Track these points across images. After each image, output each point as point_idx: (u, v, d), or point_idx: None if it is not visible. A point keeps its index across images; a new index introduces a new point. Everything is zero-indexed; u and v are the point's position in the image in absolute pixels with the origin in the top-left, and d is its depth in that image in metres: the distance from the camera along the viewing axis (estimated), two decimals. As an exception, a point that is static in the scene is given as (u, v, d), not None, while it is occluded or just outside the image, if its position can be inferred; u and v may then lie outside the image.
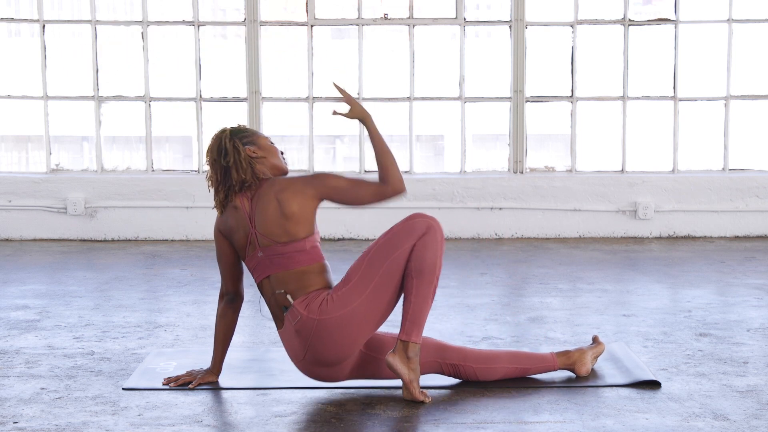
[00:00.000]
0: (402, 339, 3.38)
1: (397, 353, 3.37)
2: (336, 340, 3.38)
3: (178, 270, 6.18)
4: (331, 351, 3.40)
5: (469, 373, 3.58)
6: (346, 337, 3.39)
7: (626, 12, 7.54)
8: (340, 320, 3.37)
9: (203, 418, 3.25)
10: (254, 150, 3.52)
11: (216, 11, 14.19)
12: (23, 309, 4.96)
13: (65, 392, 3.53)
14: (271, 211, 3.44)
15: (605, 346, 3.87)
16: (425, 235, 3.40)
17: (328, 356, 3.41)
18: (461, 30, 7.59)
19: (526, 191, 7.53)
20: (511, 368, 3.61)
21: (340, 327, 3.38)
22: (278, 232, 3.43)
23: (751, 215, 7.54)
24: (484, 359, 3.59)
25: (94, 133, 7.71)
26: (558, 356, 3.67)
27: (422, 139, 15.16)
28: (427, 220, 3.42)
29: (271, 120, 8.02)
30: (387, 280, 3.40)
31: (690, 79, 7.87)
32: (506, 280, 5.80)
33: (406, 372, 3.37)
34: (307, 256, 3.45)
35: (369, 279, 3.39)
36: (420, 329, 3.39)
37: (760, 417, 3.22)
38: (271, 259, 3.44)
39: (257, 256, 3.46)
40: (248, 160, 3.49)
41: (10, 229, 7.51)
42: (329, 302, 3.39)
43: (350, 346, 3.41)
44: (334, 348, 3.39)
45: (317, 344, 3.39)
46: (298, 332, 3.40)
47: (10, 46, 14.13)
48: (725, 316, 4.74)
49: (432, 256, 3.39)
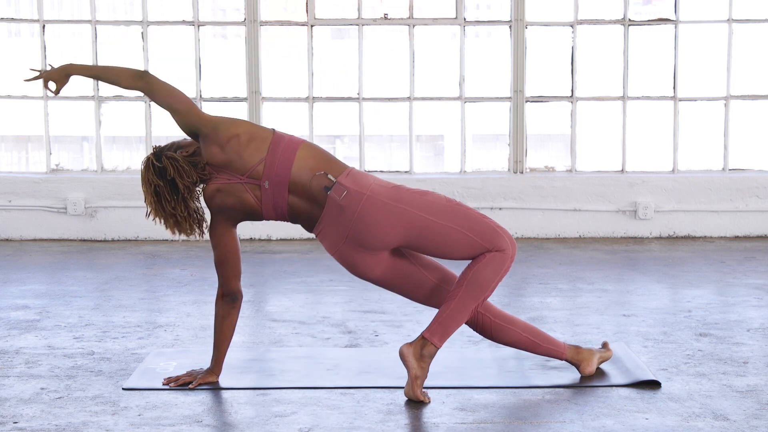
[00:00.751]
0: (425, 336, 3.39)
1: (413, 346, 3.39)
2: (379, 222, 3.38)
3: (178, 270, 6.18)
4: (371, 230, 3.39)
5: (485, 324, 3.58)
6: (389, 224, 3.39)
7: (626, 12, 7.54)
8: (390, 207, 3.39)
9: (203, 418, 3.25)
10: (185, 150, 3.56)
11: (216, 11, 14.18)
12: (23, 309, 4.96)
13: (65, 392, 3.53)
14: (232, 152, 3.47)
15: (612, 354, 3.87)
16: (499, 254, 3.42)
17: (366, 236, 3.40)
18: (461, 30, 7.59)
19: (526, 191, 7.53)
20: (524, 337, 3.62)
21: (386, 213, 3.38)
22: (253, 150, 3.47)
23: (751, 215, 7.54)
24: (503, 317, 3.61)
25: (94, 133, 7.71)
26: (569, 348, 3.69)
27: (422, 139, 15.15)
28: (511, 245, 3.45)
29: (271, 120, 8.01)
30: (445, 234, 3.40)
31: (690, 79, 7.87)
32: (506, 280, 5.80)
33: (415, 367, 3.38)
34: (291, 141, 3.50)
35: (437, 214, 3.41)
36: (445, 336, 3.40)
37: (760, 417, 3.22)
38: (276, 174, 3.45)
39: (267, 190, 3.46)
40: (187, 161, 3.52)
41: (10, 229, 7.51)
42: (386, 187, 3.43)
43: (389, 234, 3.40)
44: (374, 228, 3.39)
45: (360, 220, 3.38)
46: (343, 208, 3.40)
47: (10, 46, 14.13)
48: (725, 316, 4.74)
49: (491, 275, 3.42)
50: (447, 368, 3.77)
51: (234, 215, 3.53)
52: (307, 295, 5.33)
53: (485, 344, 4.21)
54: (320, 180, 3.45)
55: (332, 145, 14.82)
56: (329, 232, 3.45)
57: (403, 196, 3.43)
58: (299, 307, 5.02)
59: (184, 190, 3.51)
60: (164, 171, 3.52)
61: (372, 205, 3.39)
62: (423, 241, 3.43)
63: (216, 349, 3.63)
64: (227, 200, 3.51)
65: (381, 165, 12.62)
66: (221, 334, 3.62)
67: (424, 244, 3.43)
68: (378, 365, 3.84)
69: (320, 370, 3.79)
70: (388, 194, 3.42)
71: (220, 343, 3.62)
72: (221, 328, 3.61)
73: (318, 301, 5.17)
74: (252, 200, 3.49)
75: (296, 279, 5.81)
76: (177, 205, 3.53)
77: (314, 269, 6.14)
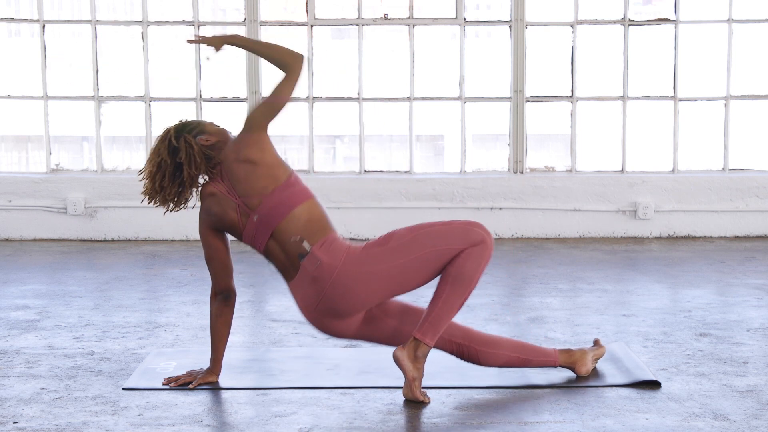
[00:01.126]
0: (416, 337, 3.38)
1: (406, 349, 3.38)
2: (353, 292, 3.38)
3: (178, 270, 6.18)
4: (345, 302, 3.39)
5: (472, 355, 3.58)
6: (364, 292, 3.39)
7: (626, 12, 7.54)
8: (362, 276, 3.37)
9: (203, 418, 3.25)
10: (206, 138, 3.54)
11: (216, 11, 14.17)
12: (23, 309, 4.96)
13: (65, 392, 3.53)
14: (241, 173, 3.45)
15: (606, 349, 3.87)
16: (476, 247, 3.41)
17: (342, 306, 3.40)
18: (461, 30, 7.59)
19: (526, 191, 7.52)
20: (514, 357, 3.61)
21: (360, 282, 3.37)
22: (260, 186, 3.44)
23: (751, 215, 7.54)
24: (488, 343, 3.60)
25: (94, 133, 7.71)
26: (560, 353, 3.67)
27: (422, 139, 15.15)
28: (486, 236, 3.43)
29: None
30: (422, 264, 3.39)
31: (690, 79, 7.86)
32: (506, 280, 5.80)
33: (411, 369, 3.37)
34: (297, 193, 3.46)
35: (406, 253, 3.39)
36: (436, 334, 3.39)
37: (760, 417, 3.22)
38: (267, 215, 3.43)
39: (254, 222, 3.45)
40: (202, 152, 3.50)
41: (10, 229, 7.51)
42: (356, 254, 3.39)
43: (366, 301, 3.41)
44: (349, 299, 3.39)
45: (333, 292, 3.38)
46: (316, 279, 3.39)
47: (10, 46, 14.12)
48: (725, 316, 4.74)
49: (473, 269, 3.40)
50: (447, 368, 3.77)
51: (216, 223, 3.53)
52: (307, 295, 5.33)
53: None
54: (296, 246, 3.43)
55: (332, 145, 14.82)
56: (301, 296, 3.45)
57: (372, 255, 3.40)
58: (299, 307, 5.02)
59: (187, 178, 3.51)
60: (176, 152, 3.51)
61: (345, 278, 3.37)
62: (404, 283, 3.43)
63: (213, 349, 3.63)
64: (215, 208, 3.50)
65: (381, 165, 12.61)
66: (217, 333, 3.61)
67: (406, 285, 3.43)
68: (378, 365, 3.84)
69: (320, 370, 3.79)
70: (359, 260, 3.39)
71: (217, 342, 3.62)
72: (216, 327, 3.61)
73: (318, 301, 5.16)
74: (237, 221, 3.48)
75: (296, 279, 5.81)
76: (171, 187, 3.53)
77: (314, 269, 6.14)
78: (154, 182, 3.54)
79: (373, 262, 3.39)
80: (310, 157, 7.73)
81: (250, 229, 3.46)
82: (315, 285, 3.40)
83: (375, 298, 3.43)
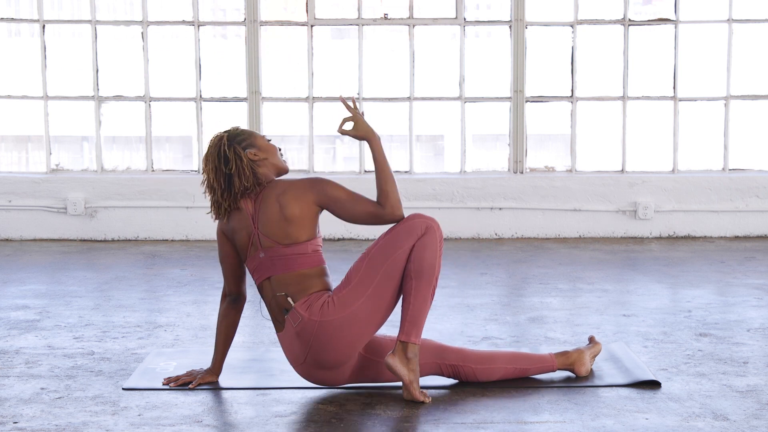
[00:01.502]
0: (401, 340, 3.37)
1: (396, 354, 3.37)
2: (337, 342, 3.38)
3: (178, 270, 6.18)
4: (331, 353, 3.40)
5: (468, 374, 3.58)
6: (347, 339, 3.39)
7: (626, 12, 7.54)
8: (341, 322, 3.37)
9: (203, 418, 3.25)
10: (255, 152, 3.51)
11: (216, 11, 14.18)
12: (23, 309, 4.96)
13: (65, 392, 3.53)
14: (273, 213, 3.44)
15: (602, 346, 3.87)
16: (424, 236, 3.40)
17: (328, 359, 3.40)
18: (461, 30, 7.59)
19: (526, 191, 7.52)
20: (510, 369, 3.62)
21: (341, 329, 3.37)
22: (280, 234, 3.43)
23: (751, 215, 7.54)
24: (483, 360, 3.60)
25: (94, 133, 7.71)
26: (557, 357, 3.67)
27: (422, 139, 15.15)
28: (426, 221, 3.41)
29: (271, 120, 8.02)
30: (387, 281, 3.39)
31: (690, 79, 7.87)
32: (506, 280, 5.80)
33: (405, 373, 3.37)
34: (308, 259, 3.44)
35: (369, 280, 3.39)
36: (419, 330, 3.39)
37: (760, 417, 3.22)
38: (273, 260, 3.44)
39: (259, 257, 3.45)
40: (250, 165, 3.49)
41: (10, 229, 7.51)
42: (330, 304, 3.39)
43: (351, 348, 3.41)
44: (334, 350, 3.39)
45: (318, 347, 3.38)
46: (299, 335, 3.40)
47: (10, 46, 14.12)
48: (725, 316, 4.74)
49: (431, 256, 3.39)
50: (447, 368, 3.77)
51: (228, 232, 3.52)
52: (307, 295, 5.32)
53: (485, 344, 4.22)
54: (282, 300, 3.44)
55: (332, 145, 14.82)
56: (289, 348, 3.45)
57: (343, 298, 3.38)
58: (299, 307, 5.02)
59: (238, 188, 3.49)
60: (227, 162, 3.49)
61: (327, 329, 3.36)
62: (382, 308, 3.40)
63: (216, 349, 3.63)
64: (234, 222, 3.49)
65: (381, 165, 12.58)
66: (221, 334, 3.62)
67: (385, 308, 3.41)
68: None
69: (320, 370, 3.79)
70: (333, 310, 3.37)
71: (221, 343, 3.62)
72: (221, 328, 3.62)
73: (318, 301, 5.16)
74: (246, 245, 3.48)
75: (296, 279, 5.81)
76: (226, 195, 3.50)
77: (314, 269, 6.14)
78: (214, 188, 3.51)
79: (346, 305, 3.38)
80: (310, 157, 7.73)
81: (253, 260, 3.47)
82: (299, 340, 3.40)
83: (361, 340, 3.42)
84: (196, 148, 7.87)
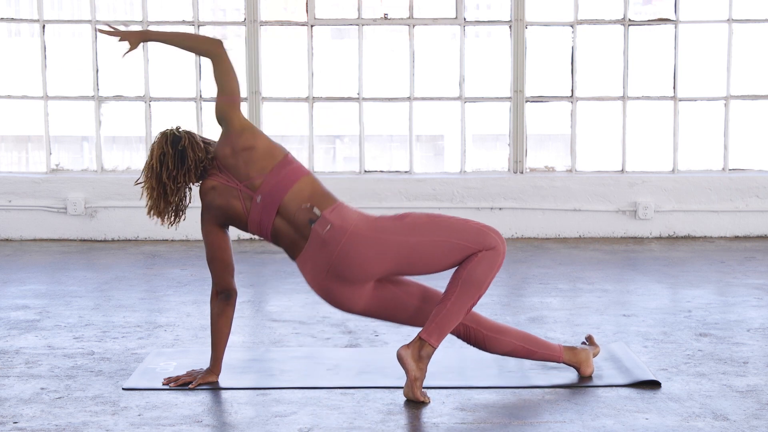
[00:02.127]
0: (421, 337, 3.39)
1: (410, 348, 3.38)
2: (363, 256, 3.40)
3: (178, 270, 6.18)
4: (355, 266, 3.41)
5: (478, 339, 3.59)
6: (374, 259, 3.40)
7: (626, 12, 7.54)
8: (370, 240, 3.40)
9: (203, 418, 3.25)
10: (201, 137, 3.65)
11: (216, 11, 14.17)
12: (23, 309, 4.96)
13: (65, 392, 3.53)
14: (240, 162, 3.51)
15: (603, 346, 3.87)
16: (490, 251, 3.43)
17: (351, 271, 3.42)
18: (461, 30, 7.59)
19: (526, 191, 7.52)
20: (519, 346, 3.63)
21: (371, 247, 3.40)
22: (259, 167, 3.50)
23: (751, 215, 7.54)
24: (495, 329, 3.62)
25: (94, 133, 7.71)
26: (565, 350, 3.68)
27: (422, 139, 15.14)
28: (500, 241, 3.45)
29: (271, 120, 8.02)
30: (433, 250, 3.42)
31: (690, 79, 7.87)
32: (506, 280, 5.80)
33: (413, 369, 3.38)
34: (296, 169, 3.52)
35: (420, 234, 3.42)
36: (441, 336, 3.40)
37: (760, 417, 3.22)
38: (271, 193, 3.47)
39: (257, 204, 3.48)
40: (201, 139, 3.60)
41: (10, 229, 7.51)
42: (369, 220, 3.44)
43: (374, 268, 3.42)
44: (359, 263, 3.41)
45: (343, 255, 3.40)
46: (326, 242, 3.41)
47: (10, 46, 14.12)
48: (725, 316, 4.74)
49: (484, 273, 3.42)
50: (447, 368, 3.77)
51: (220, 216, 3.54)
52: (307, 295, 5.33)
53: (485, 344, 4.22)
54: (306, 213, 3.47)
55: (332, 145, 14.82)
56: (311, 265, 3.47)
57: (386, 225, 3.44)
58: (299, 307, 5.02)
59: (191, 163, 3.53)
60: (178, 140, 3.56)
61: (355, 240, 3.40)
62: (412, 263, 3.44)
63: (214, 348, 3.63)
64: (217, 200, 3.52)
65: (381, 165, 12.61)
66: (218, 333, 3.62)
67: (414, 266, 3.45)
68: (378, 365, 3.84)
69: (320, 370, 3.79)
70: (370, 227, 3.43)
71: (218, 342, 3.62)
72: (217, 326, 3.61)
73: (318, 301, 5.16)
74: (240, 208, 3.51)
75: (296, 279, 5.81)
76: (177, 174, 3.54)
77: (314, 269, 6.14)
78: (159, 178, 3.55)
79: (386, 232, 3.42)
80: (310, 157, 7.73)
81: (255, 212, 3.49)
82: (325, 249, 3.42)
83: (383, 268, 3.43)
84: (196, 148, 7.85)
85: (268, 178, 3.49)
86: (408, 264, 3.44)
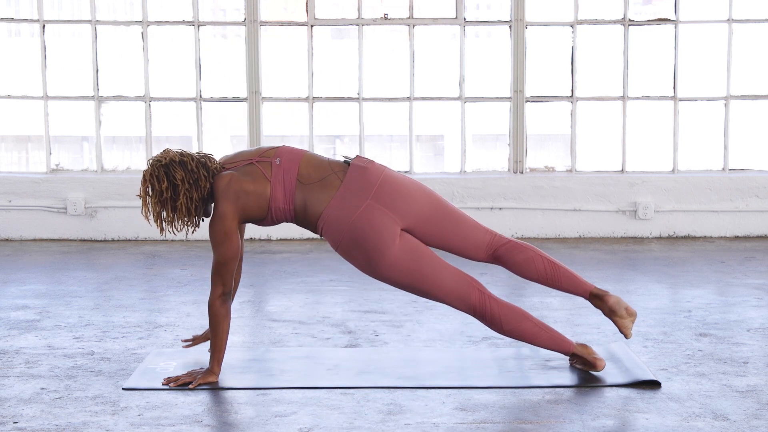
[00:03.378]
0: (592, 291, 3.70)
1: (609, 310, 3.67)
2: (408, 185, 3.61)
3: (178, 270, 6.18)
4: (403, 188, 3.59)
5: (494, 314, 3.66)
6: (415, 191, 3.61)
7: (626, 12, 7.54)
8: (411, 181, 3.65)
9: (203, 418, 3.25)
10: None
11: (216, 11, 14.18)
12: (23, 309, 4.96)
13: (65, 392, 3.53)
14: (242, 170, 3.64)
15: (602, 347, 3.87)
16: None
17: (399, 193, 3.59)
18: (461, 30, 7.59)
19: (526, 191, 7.53)
20: (535, 329, 3.67)
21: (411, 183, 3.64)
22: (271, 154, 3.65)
23: (751, 215, 7.54)
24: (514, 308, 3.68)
25: (94, 133, 7.71)
26: (577, 344, 3.70)
27: (422, 139, 15.15)
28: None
29: (271, 120, 8.02)
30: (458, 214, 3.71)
31: (690, 79, 7.87)
32: (506, 280, 5.80)
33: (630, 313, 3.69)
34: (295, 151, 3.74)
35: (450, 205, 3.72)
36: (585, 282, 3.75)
37: (760, 417, 3.23)
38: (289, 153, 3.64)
39: (278, 166, 3.61)
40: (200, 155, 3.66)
41: (10, 229, 7.51)
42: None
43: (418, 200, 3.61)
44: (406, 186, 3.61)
45: (390, 179, 3.59)
46: (367, 169, 3.59)
47: (10, 46, 14.12)
48: (725, 316, 4.74)
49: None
50: (447, 368, 3.78)
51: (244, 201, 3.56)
52: (307, 295, 5.33)
53: (485, 344, 4.22)
54: (335, 162, 3.65)
55: (332, 145, 14.82)
56: (350, 196, 3.57)
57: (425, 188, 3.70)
58: (299, 307, 5.02)
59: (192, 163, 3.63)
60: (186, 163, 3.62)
61: (394, 176, 3.63)
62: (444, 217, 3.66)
63: (216, 349, 3.63)
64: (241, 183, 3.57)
65: (381, 165, 12.59)
66: (224, 335, 3.62)
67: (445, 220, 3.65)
68: (378, 365, 3.84)
69: (320, 370, 3.80)
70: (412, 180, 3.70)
71: (220, 343, 3.62)
72: (223, 328, 3.61)
73: (318, 301, 5.17)
74: (262, 174, 3.59)
75: (296, 279, 5.81)
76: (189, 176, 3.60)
77: (314, 269, 6.14)
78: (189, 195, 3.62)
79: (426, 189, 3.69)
80: (310, 157, 7.72)
81: (278, 175, 3.60)
82: (368, 174, 3.59)
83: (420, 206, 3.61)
84: (196, 148, 7.87)
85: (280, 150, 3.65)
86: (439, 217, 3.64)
